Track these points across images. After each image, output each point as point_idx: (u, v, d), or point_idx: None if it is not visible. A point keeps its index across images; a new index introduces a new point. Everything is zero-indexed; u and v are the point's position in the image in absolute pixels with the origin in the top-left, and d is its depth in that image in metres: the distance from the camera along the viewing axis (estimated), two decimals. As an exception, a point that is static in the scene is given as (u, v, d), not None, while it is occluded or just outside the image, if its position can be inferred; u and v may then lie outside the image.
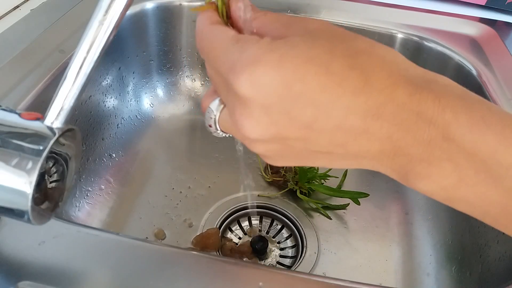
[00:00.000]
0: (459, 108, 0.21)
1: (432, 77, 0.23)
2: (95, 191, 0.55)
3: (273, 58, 0.20)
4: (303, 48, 0.21)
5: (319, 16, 0.64)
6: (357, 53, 0.21)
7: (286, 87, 0.20)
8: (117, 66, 0.61)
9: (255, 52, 0.21)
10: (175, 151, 0.65)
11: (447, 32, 0.63)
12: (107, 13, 0.25)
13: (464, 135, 0.21)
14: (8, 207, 0.25)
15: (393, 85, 0.21)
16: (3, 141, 0.25)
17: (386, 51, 0.23)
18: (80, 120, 0.54)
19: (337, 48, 0.21)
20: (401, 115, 0.21)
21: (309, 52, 0.21)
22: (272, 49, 0.21)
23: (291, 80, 0.20)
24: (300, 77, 0.20)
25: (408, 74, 0.22)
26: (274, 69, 0.20)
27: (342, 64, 0.21)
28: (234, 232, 0.55)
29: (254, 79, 0.20)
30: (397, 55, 0.23)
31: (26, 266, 0.30)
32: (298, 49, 0.21)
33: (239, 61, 0.21)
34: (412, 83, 0.21)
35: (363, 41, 0.22)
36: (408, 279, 0.51)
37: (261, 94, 0.21)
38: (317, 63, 0.20)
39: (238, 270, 0.32)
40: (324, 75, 0.20)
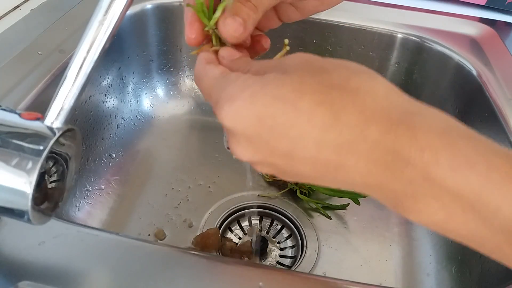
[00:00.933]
0: (439, 147, 0.20)
1: (415, 110, 0.22)
2: (95, 191, 0.55)
3: (246, 96, 0.22)
4: (272, 86, 0.22)
5: (319, 16, 0.64)
6: (328, 89, 0.22)
7: (259, 121, 0.22)
8: (117, 66, 0.61)
9: (231, 90, 0.23)
10: (175, 151, 0.65)
11: (447, 32, 0.63)
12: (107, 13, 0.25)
13: (445, 176, 0.20)
14: (8, 207, 0.25)
15: (366, 122, 0.21)
16: (3, 141, 0.25)
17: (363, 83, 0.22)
18: (80, 120, 0.54)
19: (307, 83, 0.22)
20: (376, 153, 0.21)
21: (278, 90, 0.22)
22: (246, 87, 0.23)
23: (262, 116, 0.22)
24: (270, 114, 0.22)
25: (385, 108, 0.21)
26: (247, 106, 0.22)
27: (310, 101, 0.21)
28: (234, 232, 0.55)
29: (232, 114, 0.23)
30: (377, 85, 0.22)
31: (26, 266, 0.30)
32: (268, 88, 0.22)
33: (220, 99, 0.24)
34: (388, 119, 0.21)
35: (339, 74, 0.22)
36: (408, 279, 0.51)
37: (240, 127, 0.23)
38: (285, 101, 0.21)
39: (238, 270, 0.32)
40: (291, 112, 0.21)
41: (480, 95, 0.53)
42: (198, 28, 0.29)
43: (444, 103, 0.61)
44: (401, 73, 0.65)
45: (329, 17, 0.64)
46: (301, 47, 0.66)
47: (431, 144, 0.20)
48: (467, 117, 0.57)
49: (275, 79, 0.22)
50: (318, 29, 0.64)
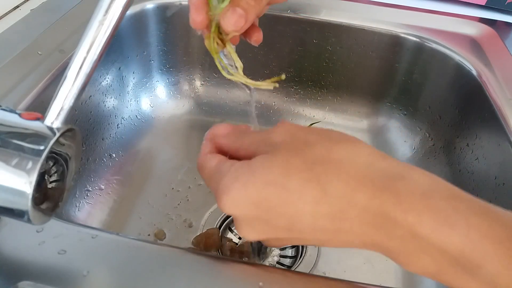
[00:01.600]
0: (421, 209, 0.22)
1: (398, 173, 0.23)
2: (95, 191, 0.55)
3: (238, 185, 0.25)
4: (261, 173, 0.24)
5: (319, 16, 0.64)
6: (312, 165, 0.24)
7: (255, 206, 0.24)
8: (117, 66, 0.61)
9: (226, 182, 0.25)
10: (175, 151, 0.65)
11: (447, 32, 0.63)
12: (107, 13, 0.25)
13: (430, 235, 0.21)
14: (8, 207, 0.25)
15: (352, 191, 0.23)
16: (3, 141, 0.25)
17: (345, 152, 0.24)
18: (80, 120, 0.54)
19: (293, 163, 0.24)
20: (367, 217, 0.23)
21: (266, 176, 0.24)
22: (237, 178, 0.25)
23: (257, 200, 0.24)
24: (264, 198, 0.24)
25: (368, 175, 0.23)
26: (241, 194, 0.25)
27: (298, 180, 0.23)
28: (234, 232, 0.55)
29: (230, 203, 0.25)
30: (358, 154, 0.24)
31: (26, 266, 0.30)
32: (257, 175, 0.24)
33: (218, 190, 0.26)
34: (371, 185, 0.23)
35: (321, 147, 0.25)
36: (408, 279, 0.51)
37: (239, 213, 0.25)
38: (275, 185, 0.24)
39: (238, 270, 0.32)
40: (283, 193, 0.24)
41: (480, 95, 0.53)
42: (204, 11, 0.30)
43: (444, 103, 0.61)
44: (401, 73, 0.65)
45: (329, 17, 0.64)
46: (301, 47, 0.66)
47: (414, 207, 0.22)
48: (467, 117, 0.57)
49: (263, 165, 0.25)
50: (318, 29, 0.64)
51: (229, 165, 0.27)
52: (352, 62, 0.65)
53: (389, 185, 0.23)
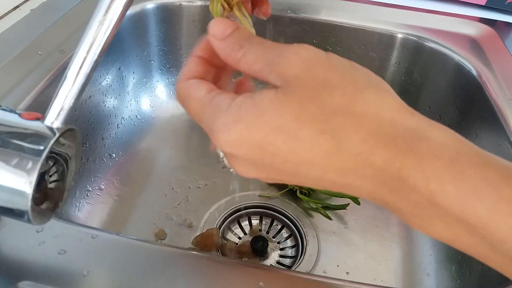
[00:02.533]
0: (446, 177, 0.20)
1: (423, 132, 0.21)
2: (95, 191, 0.55)
3: (242, 127, 0.21)
4: (270, 117, 0.21)
5: (319, 16, 0.64)
6: (330, 115, 0.21)
7: (260, 150, 0.22)
8: (117, 66, 0.61)
9: (224, 120, 0.22)
10: (175, 151, 0.65)
11: (447, 32, 0.63)
12: (107, 13, 0.25)
13: (452, 205, 0.20)
14: (8, 207, 0.25)
15: (370, 150, 0.20)
16: (3, 141, 0.25)
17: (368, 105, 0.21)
18: (80, 120, 0.54)
19: (308, 109, 0.21)
20: (382, 178, 0.21)
21: (276, 120, 0.21)
22: (240, 117, 0.21)
23: (262, 144, 0.21)
24: (270, 143, 0.21)
25: (391, 133, 0.21)
26: (245, 136, 0.21)
27: (311, 130, 0.21)
28: (234, 232, 0.55)
29: (230, 143, 0.22)
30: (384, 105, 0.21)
31: (26, 266, 0.30)
32: (265, 118, 0.21)
33: (214, 128, 0.22)
34: (393, 146, 0.20)
35: (342, 94, 0.21)
36: (408, 279, 0.51)
37: (240, 153, 0.22)
38: (285, 132, 0.21)
39: (238, 270, 0.32)
40: (292, 142, 0.21)
41: (480, 95, 0.53)
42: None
43: (444, 103, 0.61)
44: (401, 73, 0.65)
45: (329, 17, 0.64)
46: (301, 47, 0.66)
47: (438, 174, 0.20)
48: (467, 117, 0.57)
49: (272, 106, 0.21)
50: (318, 29, 0.64)
51: (228, 99, 0.23)
52: (352, 62, 0.65)
53: (412, 147, 0.20)
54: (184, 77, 0.26)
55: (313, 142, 0.21)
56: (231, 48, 0.24)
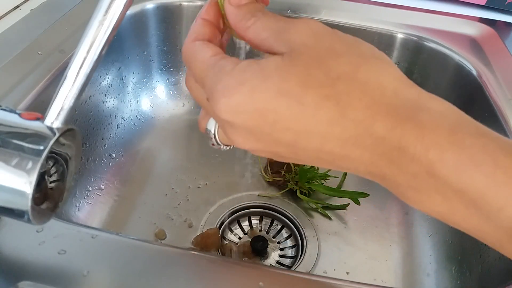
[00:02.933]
0: (445, 146, 0.20)
1: (424, 103, 0.21)
2: (95, 191, 0.55)
3: (245, 90, 0.21)
4: (275, 81, 0.21)
5: (319, 16, 0.64)
6: (335, 81, 0.21)
7: (260, 116, 0.21)
8: (117, 66, 0.61)
9: (228, 83, 0.22)
10: (175, 151, 0.65)
11: (447, 32, 0.63)
12: (107, 13, 0.25)
13: (450, 174, 0.20)
14: (8, 207, 0.25)
15: (372, 117, 0.20)
16: (3, 141, 0.25)
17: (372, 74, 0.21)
18: (80, 120, 0.54)
19: (313, 75, 0.21)
20: (382, 148, 0.21)
21: (280, 84, 0.21)
22: (244, 81, 0.21)
23: (264, 111, 0.21)
24: (272, 109, 0.21)
25: (394, 101, 0.21)
26: (246, 100, 0.21)
27: (316, 95, 0.20)
28: (234, 232, 0.55)
29: (231, 109, 0.21)
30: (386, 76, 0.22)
31: (26, 266, 0.30)
32: (270, 82, 0.21)
33: (216, 91, 0.22)
34: (395, 114, 0.20)
35: (347, 62, 0.21)
36: (408, 279, 0.51)
37: (239, 120, 0.22)
38: (289, 96, 0.21)
39: (238, 270, 0.32)
40: (296, 107, 0.21)
41: (480, 95, 0.53)
42: None
43: (444, 103, 0.61)
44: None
45: (329, 17, 0.64)
46: (301, 47, 0.66)
47: (437, 143, 0.20)
48: (467, 117, 0.57)
49: (278, 71, 0.21)
50: (318, 29, 0.64)
51: (232, 63, 0.22)
52: (352, 62, 0.65)
53: (413, 116, 0.20)
54: (190, 38, 0.25)
55: (317, 108, 0.20)
56: (243, 16, 0.24)
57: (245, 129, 0.22)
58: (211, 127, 0.27)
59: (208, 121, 0.27)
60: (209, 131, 0.27)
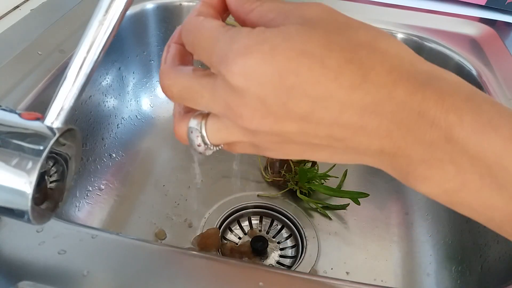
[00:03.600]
0: (464, 109, 0.20)
1: (440, 74, 0.21)
2: (95, 191, 0.55)
3: (265, 49, 0.20)
4: (297, 41, 0.20)
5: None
6: (356, 47, 0.20)
7: (279, 79, 0.20)
8: (117, 66, 0.61)
9: (246, 42, 0.20)
10: (175, 151, 0.65)
11: (447, 32, 0.63)
12: (107, 13, 0.25)
13: (468, 137, 0.20)
14: (8, 207, 0.25)
15: (394, 82, 0.20)
16: (3, 141, 0.25)
17: (390, 45, 0.21)
18: (80, 120, 0.54)
19: (335, 41, 0.20)
20: (401, 114, 0.20)
21: (303, 45, 0.20)
22: (264, 40, 0.20)
23: (284, 72, 0.20)
24: (293, 70, 0.20)
25: (412, 70, 0.21)
26: (266, 61, 0.20)
27: (338, 58, 0.20)
28: (234, 232, 0.55)
29: (247, 70, 0.20)
30: (402, 49, 0.22)
31: (26, 266, 0.30)
32: (292, 42, 0.20)
33: (231, 52, 0.20)
34: (415, 81, 0.20)
35: (366, 33, 0.21)
36: (408, 279, 0.51)
37: (255, 85, 0.20)
38: (312, 57, 0.20)
39: (238, 270, 0.32)
40: (318, 69, 0.20)
41: (480, 95, 0.53)
42: None
43: (444, 103, 0.61)
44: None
45: (329, 17, 0.64)
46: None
47: (457, 106, 0.20)
48: (467, 117, 0.57)
49: (299, 33, 0.20)
50: (318, 29, 0.64)
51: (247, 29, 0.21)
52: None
53: (432, 83, 0.21)
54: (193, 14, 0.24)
55: (339, 71, 0.20)
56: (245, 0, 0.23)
57: (257, 98, 0.20)
58: (195, 124, 0.25)
59: (190, 120, 0.25)
60: (194, 129, 0.25)
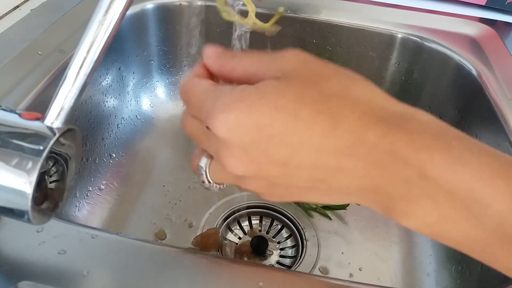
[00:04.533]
0: (434, 148, 0.21)
1: (410, 115, 0.23)
2: (95, 191, 0.55)
3: (243, 106, 0.22)
4: (271, 98, 0.22)
5: (319, 16, 0.64)
6: (327, 97, 0.22)
7: (257, 130, 0.22)
8: (117, 66, 0.61)
9: (227, 100, 0.23)
10: (175, 151, 0.65)
11: (447, 32, 0.63)
12: (107, 13, 0.25)
13: (440, 174, 0.21)
14: (8, 207, 0.25)
15: (364, 127, 0.22)
16: (3, 141, 0.25)
17: (363, 92, 0.23)
18: (80, 120, 0.54)
19: (307, 93, 0.22)
20: (375, 155, 0.22)
21: (277, 101, 0.22)
22: (242, 98, 0.22)
23: (260, 125, 0.22)
24: (269, 123, 0.22)
25: (382, 114, 0.22)
26: (245, 115, 0.22)
27: (310, 110, 0.22)
28: (234, 232, 0.55)
29: (228, 123, 0.22)
30: (374, 94, 0.23)
31: (26, 266, 0.30)
32: (267, 99, 0.22)
33: (214, 109, 0.23)
34: (385, 124, 0.22)
35: (338, 82, 0.23)
36: (408, 279, 0.51)
37: (236, 136, 0.22)
38: (285, 111, 0.22)
39: (238, 270, 0.32)
40: (292, 121, 0.22)
41: (480, 95, 0.53)
42: None
43: (444, 103, 0.61)
44: (401, 73, 0.65)
45: (329, 17, 0.64)
46: (301, 47, 0.66)
47: (427, 146, 0.21)
48: (467, 117, 0.57)
49: (274, 89, 0.22)
50: (318, 29, 0.64)
51: (230, 87, 0.24)
52: (352, 62, 0.65)
53: (402, 125, 0.22)
54: (191, 75, 0.27)
55: (311, 121, 0.22)
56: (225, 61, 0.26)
57: (240, 148, 0.23)
58: (203, 163, 0.28)
59: (201, 159, 0.28)
60: (201, 167, 0.28)
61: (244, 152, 0.23)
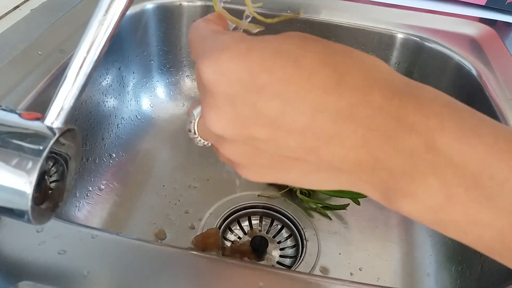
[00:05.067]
0: (445, 115, 0.19)
1: (416, 84, 0.21)
2: (95, 191, 0.55)
3: (241, 47, 0.20)
4: (273, 42, 0.20)
5: (319, 16, 0.64)
6: (332, 52, 0.20)
7: (250, 76, 0.19)
8: (117, 66, 0.61)
9: (226, 40, 0.21)
10: (175, 151, 0.65)
11: (447, 32, 0.63)
12: (107, 13, 0.25)
13: (451, 144, 0.18)
14: (8, 207, 0.25)
15: (370, 87, 0.19)
16: (3, 141, 0.25)
17: (367, 56, 0.21)
18: (80, 120, 0.54)
19: (311, 44, 0.20)
20: (378, 120, 0.19)
21: (279, 46, 0.20)
22: (243, 39, 0.20)
23: (256, 70, 0.19)
24: (265, 68, 0.19)
25: (389, 78, 0.20)
26: (240, 57, 0.20)
27: (313, 59, 0.19)
28: (234, 232, 0.55)
29: (218, 65, 0.20)
30: (379, 61, 0.21)
31: (26, 266, 0.30)
32: (268, 43, 0.20)
33: (209, 48, 0.21)
34: (392, 87, 0.19)
35: (343, 48, 0.21)
36: (408, 279, 0.51)
37: (223, 82, 0.20)
38: (286, 56, 0.19)
39: (238, 270, 0.32)
40: (291, 67, 0.19)
41: (480, 95, 0.53)
42: None
43: (444, 103, 0.61)
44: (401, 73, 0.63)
45: (329, 17, 0.64)
46: (301, 47, 0.66)
47: (437, 112, 0.19)
48: (467, 117, 0.57)
49: (276, 38, 0.20)
50: (318, 29, 0.64)
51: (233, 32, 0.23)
52: (352, 62, 0.65)
53: (410, 90, 0.20)
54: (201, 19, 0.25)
55: (313, 72, 0.19)
56: None
57: (226, 97, 0.20)
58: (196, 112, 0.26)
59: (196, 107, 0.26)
60: (192, 114, 0.26)
61: (229, 103, 0.20)
